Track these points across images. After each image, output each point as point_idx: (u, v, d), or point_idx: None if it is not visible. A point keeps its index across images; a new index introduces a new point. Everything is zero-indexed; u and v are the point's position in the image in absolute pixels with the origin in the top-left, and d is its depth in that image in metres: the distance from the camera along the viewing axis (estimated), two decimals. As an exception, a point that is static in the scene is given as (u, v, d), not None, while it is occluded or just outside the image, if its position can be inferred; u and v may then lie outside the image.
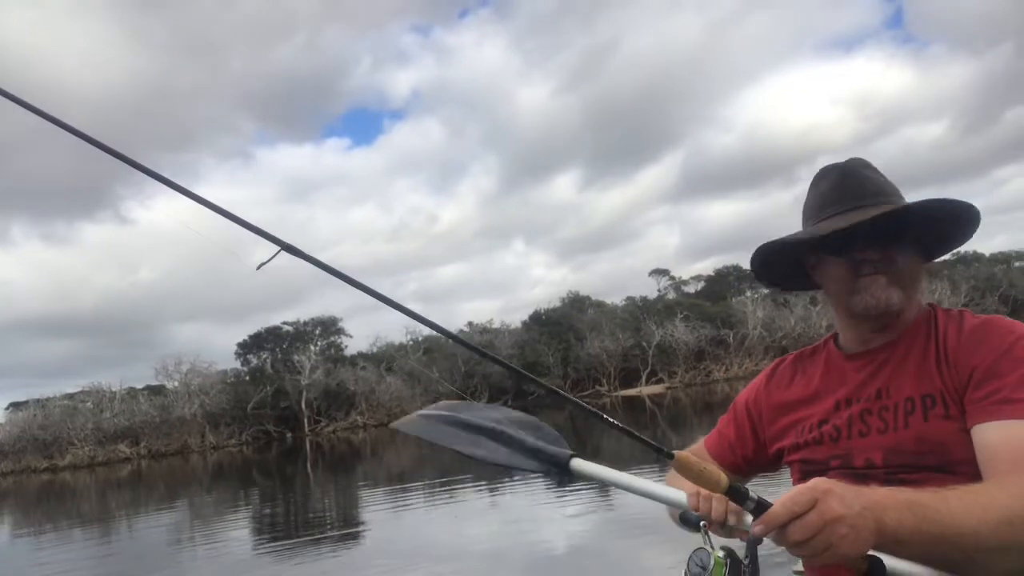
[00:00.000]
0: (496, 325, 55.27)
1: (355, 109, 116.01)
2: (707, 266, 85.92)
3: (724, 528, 1.21)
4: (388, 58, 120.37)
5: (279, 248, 1.30)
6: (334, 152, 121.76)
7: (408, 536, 10.26)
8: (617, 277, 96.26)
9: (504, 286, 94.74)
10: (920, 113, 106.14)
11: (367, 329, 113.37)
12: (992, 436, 1.11)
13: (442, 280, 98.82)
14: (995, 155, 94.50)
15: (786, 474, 1.50)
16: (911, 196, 1.33)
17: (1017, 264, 53.60)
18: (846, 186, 1.31)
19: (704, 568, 1.03)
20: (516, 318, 60.10)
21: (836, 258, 1.32)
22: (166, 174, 1.29)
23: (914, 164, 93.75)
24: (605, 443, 22.80)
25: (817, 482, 0.96)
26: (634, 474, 1.27)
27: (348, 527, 12.49)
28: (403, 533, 10.63)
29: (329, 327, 54.46)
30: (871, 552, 0.99)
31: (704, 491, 1.16)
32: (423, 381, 49.03)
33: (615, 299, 57.62)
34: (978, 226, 1.32)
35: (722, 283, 59.55)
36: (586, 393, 48.75)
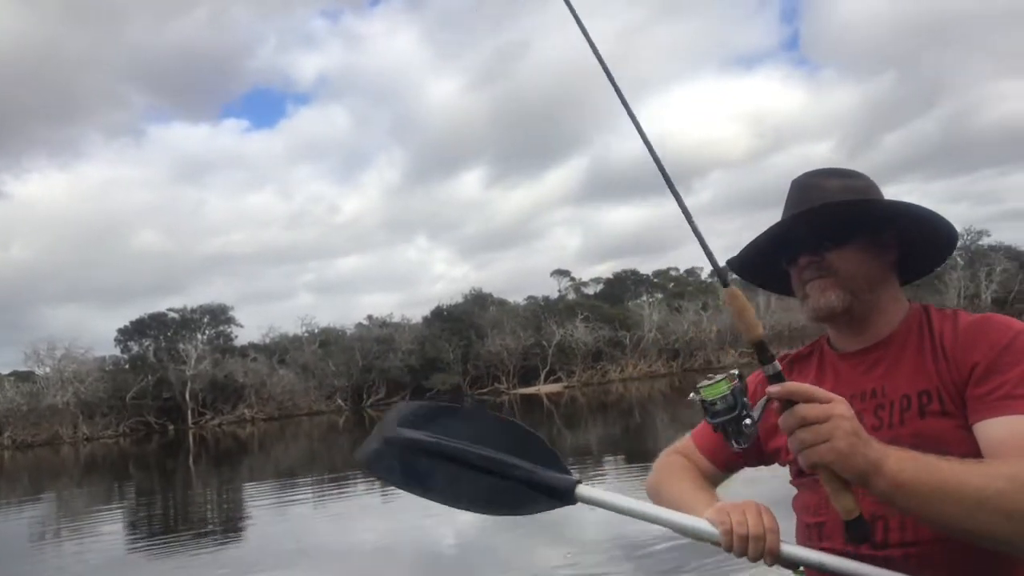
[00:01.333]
0: (396, 319, 54.64)
1: (257, 90, 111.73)
2: (606, 269, 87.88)
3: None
4: (295, 41, 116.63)
5: None
6: (232, 133, 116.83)
7: (294, 534, 9.90)
8: (518, 276, 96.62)
9: (405, 280, 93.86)
10: (810, 132, 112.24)
11: (259, 319, 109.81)
12: (998, 431, 1.12)
13: (341, 271, 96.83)
14: (875, 175, 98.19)
15: (765, 471, 1.51)
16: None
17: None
18: (794, 197, 1.36)
19: (710, 380, 1.06)
20: (417, 313, 59.73)
21: (790, 268, 1.37)
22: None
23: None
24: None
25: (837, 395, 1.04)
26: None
27: (230, 524, 11.95)
28: (288, 531, 10.26)
29: (219, 315, 52.25)
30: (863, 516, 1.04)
31: (739, 530, 1.13)
32: (318, 374, 47.81)
33: (515, 298, 58.12)
34: (946, 234, 1.33)
35: (620, 286, 61.08)
36: (484, 391, 48.91)
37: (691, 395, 1.10)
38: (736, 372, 1.08)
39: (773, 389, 1.02)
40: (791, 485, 1.41)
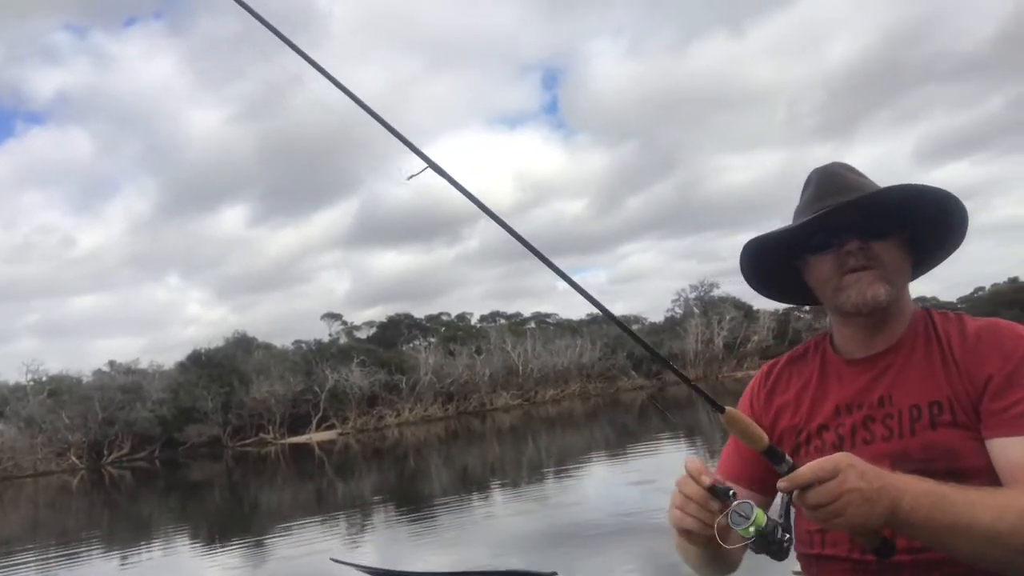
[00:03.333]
0: (144, 365, 49.52)
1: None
2: (376, 313, 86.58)
3: None
4: (30, 53, 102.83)
5: (426, 166, 1.29)
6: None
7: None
8: (283, 320, 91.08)
9: (151, 323, 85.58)
10: (566, 190, 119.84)
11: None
12: (1016, 452, 1.11)
13: (74, 311, 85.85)
14: (619, 233, 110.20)
15: None
16: (556, 262, 1.26)
17: (635, 326, 63.43)
18: (825, 186, 1.30)
19: (747, 517, 1.05)
20: (168, 358, 54.56)
21: (821, 256, 1.28)
22: None
23: (560, 235, 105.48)
24: (266, 497, 21.50)
25: (842, 455, 1.02)
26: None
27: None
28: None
29: (-83, 362, 43.82)
30: (886, 536, 1.06)
31: None
32: (47, 429, 41.66)
33: (280, 342, 55.32)
34: (964, 219, 1.30)
35: (394, 330, 60.79)
36: (248, 441, 45.72)
37: (721, 519, 1.08)
38: (761, 511, 1.06)
39: (782, 485, 1.04)
40: None
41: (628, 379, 55.74)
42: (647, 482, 13.50)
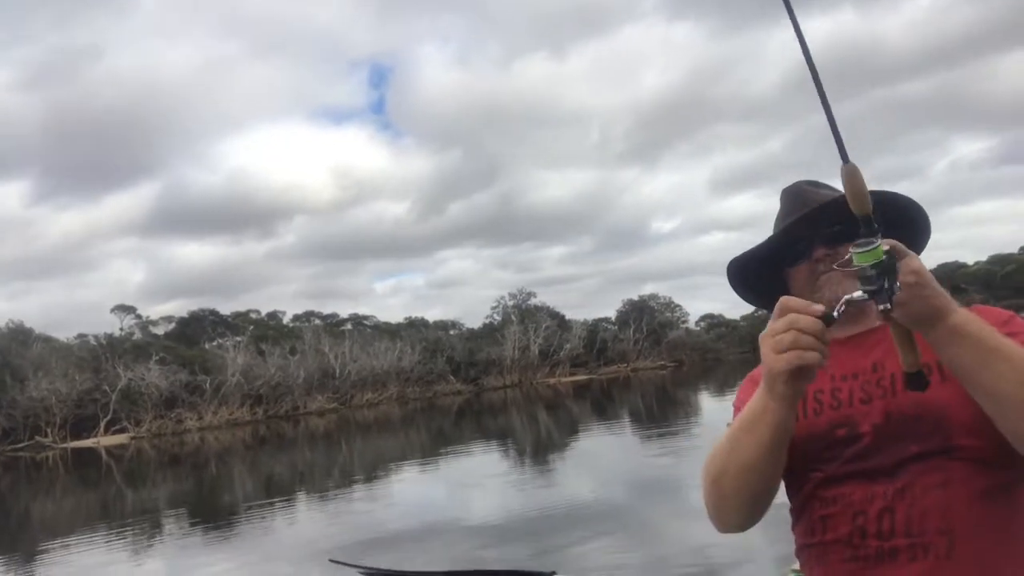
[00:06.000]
0: None
1: None
2: (174, 308, 79.96)
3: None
4: None
5: None
6: None
7: None
8: (64, 311, 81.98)
9: None
10: (389, 192, 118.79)
11: None
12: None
13: None
14: (439, 239, 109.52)
15: None
16: (374, 264, 1.25)
17: (452, 332, 64.32)
18: (793, 203, 1.40)
19: (868, 243, 1.04)
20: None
21: (796, 268, 1.39)
22: None
23: (380, 236, 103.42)
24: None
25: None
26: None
27: None
28: None
29: None
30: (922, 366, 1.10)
31: None
32: None
33: (64, 335, 49.87)
34: (926, 220, 1.39)
35: (196, 326, 56.91)
36: (21, 446, 40.77)
37: (850, 256, 1.07)
38: (887, 246, 1.06)
39: (891, 241, 1.07)
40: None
41: (446, 383, 56.21)
42: (463, 485, 13.78)
